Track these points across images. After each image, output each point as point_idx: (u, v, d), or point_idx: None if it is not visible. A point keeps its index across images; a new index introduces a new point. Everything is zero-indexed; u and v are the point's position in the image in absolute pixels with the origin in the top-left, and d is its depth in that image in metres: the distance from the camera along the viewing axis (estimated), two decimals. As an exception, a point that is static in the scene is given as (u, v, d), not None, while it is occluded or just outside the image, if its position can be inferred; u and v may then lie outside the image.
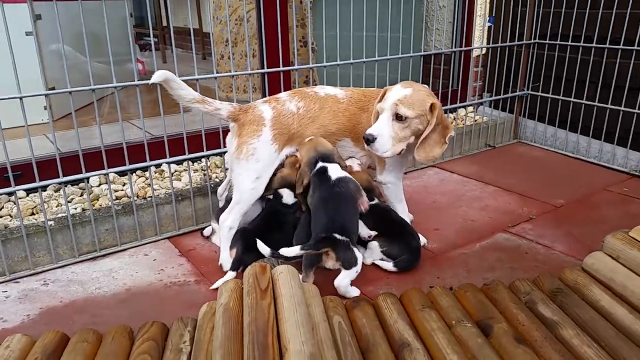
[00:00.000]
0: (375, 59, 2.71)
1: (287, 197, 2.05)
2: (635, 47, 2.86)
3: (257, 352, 1.22)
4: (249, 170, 1.97)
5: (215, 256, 2.04)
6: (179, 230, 2.30)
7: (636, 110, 2.89)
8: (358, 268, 1.79)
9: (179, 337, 1.49)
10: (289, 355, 1.21)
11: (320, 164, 1.95)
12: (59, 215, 2.12)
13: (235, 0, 3.70)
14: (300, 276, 1.79)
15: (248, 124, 1.98)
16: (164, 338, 1.51)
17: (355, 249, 1.79)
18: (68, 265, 2.06)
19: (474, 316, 1.57)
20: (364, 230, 2.03)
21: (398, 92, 1.92)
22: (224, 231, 1.99)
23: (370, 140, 1.91)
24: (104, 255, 2.12)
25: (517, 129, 3.62)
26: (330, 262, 1.79)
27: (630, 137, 2.95)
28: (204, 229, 2.29)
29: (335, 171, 1.94)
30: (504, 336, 1.45)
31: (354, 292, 1.80)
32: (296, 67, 2.53)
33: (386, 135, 1.91)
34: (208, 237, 2.26)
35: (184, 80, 1.90)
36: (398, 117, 1.91)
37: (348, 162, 2.11)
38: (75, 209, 2.21)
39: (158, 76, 1.82)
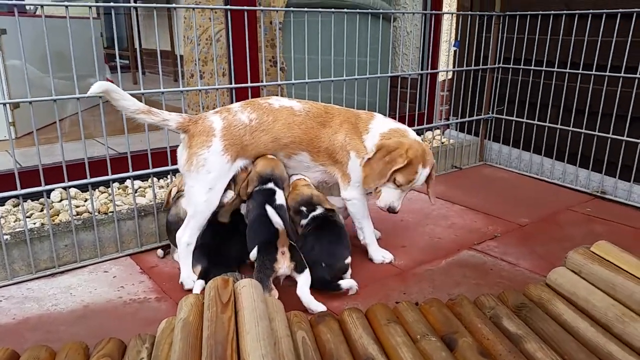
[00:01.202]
0: (344, 79, 2.73)
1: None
2: (594, 72, 2.96)
3: (216, 365, 1.18)
4: (200, 182, 1.92)
5: (178, 273, 1.99)
6: (141, 247, 2.24)
7: (596, 133, 2.97)
8: (308, 272, 1.80)
9: (136, 353, 1.44)
10: (248, 368, 1.17)
11: (270, 185, 1.98)
12: (17, 230, 2.04)
13: (205, 20, 3.71)
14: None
15: (198, 134, 1.93)
16: (120, 354, 1.45)
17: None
18: (24, 281, 1.98)
19: (438, 331, 1.56)
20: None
21: (422, 176, 2.05)
22: (181, 247, 1.94)
23: (394, 212, 2.08)
24: (62, 272, 2.05)
25: (483, 152, 3.68)
26: (285, 263, 1.77)
27: (592, 158, 3.03)
28: (167, 245, 2.24)
29: (280, 197, 1.99)
30: (468, 350, 1.44)
31: (320, 307, 1.77)
32: (264, 83, 2.54)
33: None
34: (163, 257, 2.21)
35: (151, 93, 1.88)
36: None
37: (294, 178, 2.13)
38: (35, 224, 2.14)
39: (98, 87, 1.75)
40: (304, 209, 2.03)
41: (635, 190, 2.84)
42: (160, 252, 2.21)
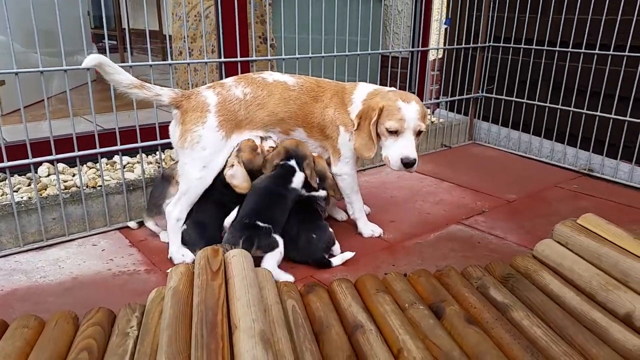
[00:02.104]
0: (334, 55, 2.72)
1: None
2: (583, 50, 2.97)
3: (205, 329, 1.19)
4: (195, 159, 1.90)
5: (168, 247, 1.98)
6: (130, 221, 2.23)
7: (584, 111, 2.99)
8: (281, 249, 1.83)
9: (125, 322, 1.44)
10: (238, 333, 1.18)
11: (292, 163, 1.96)
12: (3, 203, 2.02)
13: (194, -3, 3.66)
14: None
15: (191, 110, 1.91)
16: (110, 324, 1.46)
17: (276, 235, 1.84)
18: (12, 254, 1.97)
19: (426, 299, 1.58)
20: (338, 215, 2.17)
21: (412, 111, 1.92)
22: (171, 222, 1.93)
23: (412, 164, 1.92)
24: (50, 245, 2.04)
25: (472, 131, 3.69)
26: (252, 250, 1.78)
27: (580, 137, 3.05)
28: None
29: (298, 180, 1.97)
30: (456, 317, 1.46)
31: (286, 276, 1.80)
32: (254, 58, 2.52)
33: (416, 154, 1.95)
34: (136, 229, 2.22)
35: (138, 66, 1.86)
36: (418, 134, 1.96)
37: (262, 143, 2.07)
38: (22, 197, 2.12)
39: (91, 59, 1.74)
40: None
41: (621, 168, 2.88)
42: (133, 223, 2.22)
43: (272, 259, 1.81)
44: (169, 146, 2.35)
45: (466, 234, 2.19)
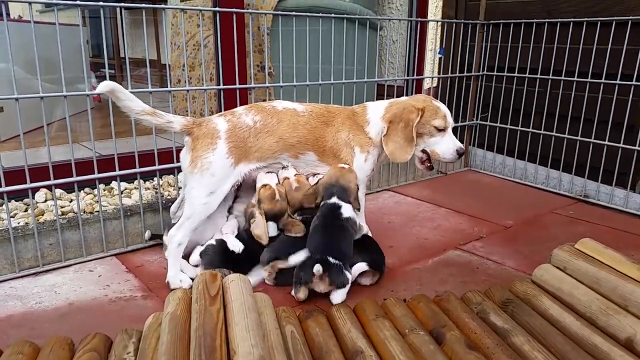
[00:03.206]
0: (331, 82, 2.75)
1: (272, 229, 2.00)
2: (575, 79, 3.02)
3: (204, 354, 1.17)
4: (203, 185, 1.92)
5: (165, 272, 1.97)
6: (127, 247, 2.22)
7: (578, 138, 3.03)
8: (348, 287, 1.81)
9: (122, 348, 1.42)
10: (237, 358, 1.16)
11: (335, 200, 1.96)
12: (0, 228, 2.01)
13: (193, 27, 3.72)
14: (292, 291, 1.82)
15: (202, 137, 1.94)
16: (106, 349, 1.44)
17: (347, 272, 1.80)
18: (7, 280, 1.95)
19: (426, 325, 1.57)
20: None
21: (447, 109, 2.13)
22: (172, 247, 1.92)
23: (463, 153, 2.16)
24: (46, 271, 2.02)
25: (468, 158, 3.72)
26: (322, 286, 1.77)
27: (575, 163, 3.08)
28: (156, 245, 2.22)
29: (347, 211, 1.96)
30: (456, 343, 1.45)
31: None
32: (252, 85, 2.55)
33: None
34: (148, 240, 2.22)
35: (135, 93, 1.87)
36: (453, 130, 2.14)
37: (284, 174, 2.09)
38: (19, 222, 2.11)
39: (104, 86, 1.77)
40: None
41: (616, 194, 2.89)
42: (148, 234, 2.23)
43: (341, 296, 1.79)
44: (167, 172, 2.36)
45: (464, 259, 2.19)
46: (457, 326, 1.55)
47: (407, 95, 3.84)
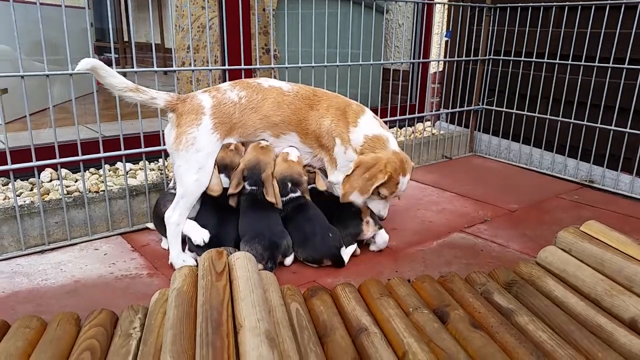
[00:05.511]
0: (336, 64, 2.74)
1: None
2: (583, 63, 2.99)
3: (210, 328, 1.19)
4: (190, 162, 1.90)
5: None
6: (132, 226, 2.23)
7: (584, 123, 3.01)
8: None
9: (128, 323, 1.43)
10: (243, 332, 1.18)
11: (291, 194, 2.04)
12: (6, 206, 2.02)
13: (197, 9, 3.70)
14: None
15: (187, 113, 1.92)
16: (112, 325, 1.45)
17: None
18: (13, 257, 1.96)
19: (430, 304, 1.57)
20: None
21: (404, 184, 2.09)
22: (170, 228, 1.90)
23: (383, 220, 2.15)
24: (52, 249, 2.03)
25: (473, 143, 3.71)
26: (370, 229, 2.01)
27: (580, 149, 3.07)
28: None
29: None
30: (460, 322, 1.45)
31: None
32: (257, 66, 2.53)
33: None
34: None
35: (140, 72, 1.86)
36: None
37: (286, 151, 2.10)
38: (24, 201, 2.11)
39: (85, 63, 1.74)
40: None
41: (622, 179, 2.89)
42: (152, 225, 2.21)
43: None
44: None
45: (469, 242, 2.19)
46: (461, 305, 1.56)
47: (412, 78, 3.83)
